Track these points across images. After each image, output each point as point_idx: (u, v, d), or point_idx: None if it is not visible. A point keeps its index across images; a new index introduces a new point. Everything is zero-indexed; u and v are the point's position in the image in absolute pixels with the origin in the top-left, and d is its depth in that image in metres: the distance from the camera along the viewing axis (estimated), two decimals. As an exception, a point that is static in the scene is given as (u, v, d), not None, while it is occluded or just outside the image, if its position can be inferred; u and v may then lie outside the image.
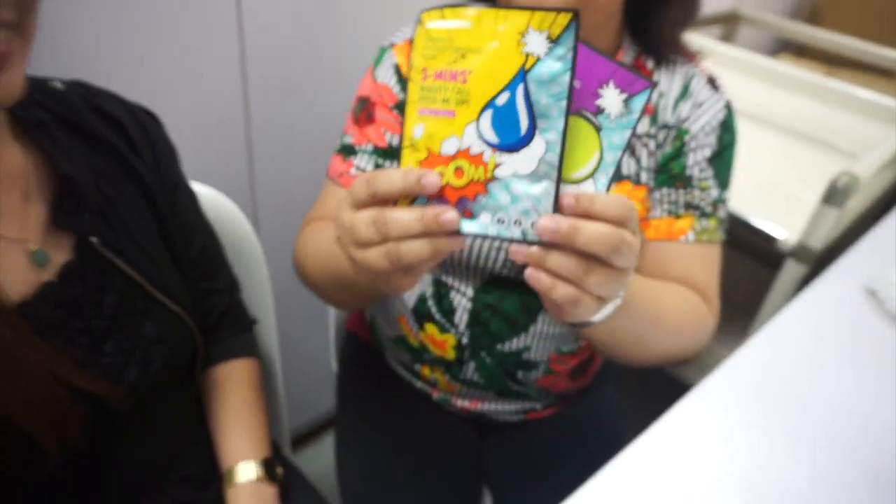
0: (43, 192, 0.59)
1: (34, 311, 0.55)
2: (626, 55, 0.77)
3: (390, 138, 0.78)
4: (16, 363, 0.51)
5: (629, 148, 0.76)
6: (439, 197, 0.45)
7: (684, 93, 0.78)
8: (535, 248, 0.44)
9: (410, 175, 0.44)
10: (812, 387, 0.78)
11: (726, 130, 0.79)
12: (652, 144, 0.77)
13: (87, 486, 0.62)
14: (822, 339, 0.86)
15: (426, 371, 0.89)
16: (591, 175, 0.46)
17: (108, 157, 0.64)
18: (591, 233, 0.43)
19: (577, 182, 0.46)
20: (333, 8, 1.06)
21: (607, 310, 0.56)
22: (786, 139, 1.48)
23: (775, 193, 1.25)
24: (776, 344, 0.84)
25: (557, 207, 0.44)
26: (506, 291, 0.80)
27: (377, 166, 0.79)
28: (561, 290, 0.45)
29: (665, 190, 0.77)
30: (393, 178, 0.44)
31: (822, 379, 0.79)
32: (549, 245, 0.44)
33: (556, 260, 0.44)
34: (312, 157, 1.15)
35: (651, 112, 0.77)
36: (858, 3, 2.34)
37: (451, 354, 0.85)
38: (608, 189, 0.46)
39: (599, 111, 0.46)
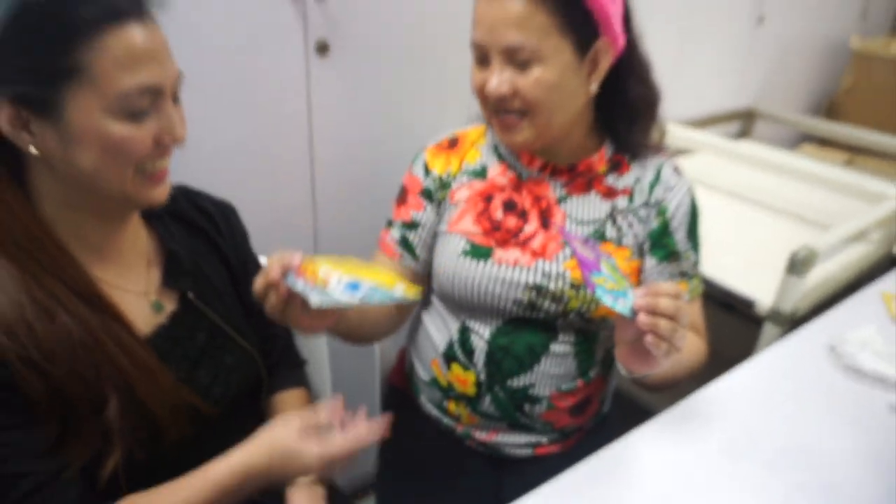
0: (159, 262, 0.84)
1: (154, 343, 0.78)
2: (608, 152, 1.02)
3: (413, 216, 1.06)
4: (152, 375, 0.74)
5: (613, 218, 1.02)
6: None
7: (656, 179, 1.03)
8: (648, 320, 0.76)
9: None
10: (764, 421, 0.92)
11: (694, 210, 1.05)
12: (631, 217, 1.01)
13: (183, 471, 0.77)
14: (779, 383, 1.00)
15: (452, 406, 1.08)
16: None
17: (200, 238, 0.89)
18: (665, 302, 0.76)
19: None
20: (391, 114, 1.33)
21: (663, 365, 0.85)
22: (793, 223, 1.68)
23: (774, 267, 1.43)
24: (738, 384, 1.00)
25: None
26: (516, 336, 1.01)
27: (402, 235, 1.07)
28: (663, 346, 0.76)
29: (664, 264, 1.02)
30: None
31: (774, 416, 0.93)
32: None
33: (662, 323, 0.76)
34: (366, 237, 1.39)
35: (628, 193, 1.02)
36: (874, 96, 2.49)
37: (471, 390, 1.05)
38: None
39: (612, 261, 0.85)
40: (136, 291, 0.80)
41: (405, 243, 1.07)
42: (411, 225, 1.06)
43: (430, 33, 1.31)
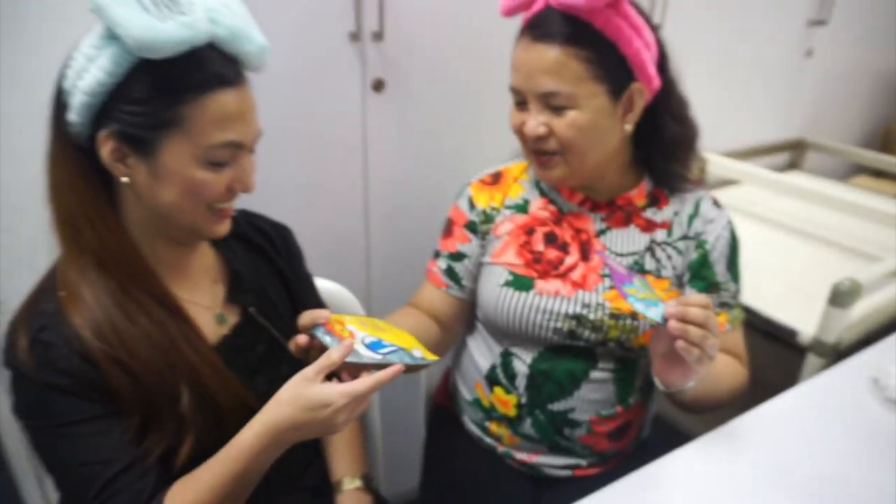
0: (223, 279, 0.92)
1: (219, 351, 0.85)
2: (647, 186, 1.06)
3: (459, 247, 1.11)
4: (220, 373, 0.82)
5: (651, 251, 1.05)
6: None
7: (695, 212, 1.06)
8: (678, 325, 0.81)
9: None
10: (802, 449, 0.93)
11: (733, 241, 1.07)
12: (670, 249, 1.05)
13: None
14: (820, 413, 1.01)
15: (494, 427, 1.12)
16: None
17: (260, 257, 0.97)
18: (695, 311, 0.82)
19: None
20: (440, 147, 1.40)
21: (698, 378, 0.90)
22: (841, 255, 1.68)
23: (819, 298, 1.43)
24: (778, 412, 1.01)
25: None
26: (557, 362, 1.05)
27: (448, 266, 1.12)
28: (695, 352, 0.82)
29: (704, 295, 1.03)
30: None
31: (812, 445, 0.94)
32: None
33: (692, 330, 0.81)
34: (414, 261, 1.43)
35: (667, 226, 1.05)
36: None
37: (512, 412, 1.08)
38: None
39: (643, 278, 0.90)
40: (204, 305, 0.88)
41: (452, 274, 1.12)
42: (457, 256, 1.11)
43: (478, 74, 1.38)
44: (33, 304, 0.78)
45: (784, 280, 1.51)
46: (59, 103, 0.74)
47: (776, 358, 1.42)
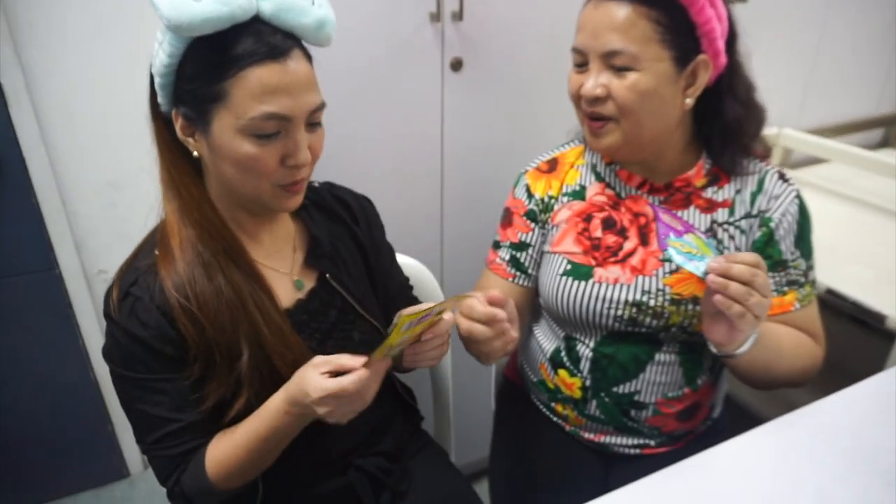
0: (302, 245, 0.96)
1: (292, 315, 0.91)
2: (706, 165, 1.03)
3: (521, 237, 1.11)
4: (283, 337, 0.86)
5: (714, 232, 1.02)
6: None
7: (759, 189, 1.02)
8: (718, 280, 0.81)
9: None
10: (884, 435, 0.90)
11: (803, 216, 1.02)
12: (732, 230, 1.02)
13: (320, 435, 0.88)
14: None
15: (559, 408, 1.14)
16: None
17: (339, 226, 1.01)
18: (739, 268, 0.81)
19: None
20: (514, 125, 1.42)
21: (750, 342, 0.88)
22: None
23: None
24: (861, 396, 0.98)
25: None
26: (621, 345, 1.05)
27: (512, 256, 1.12)
28: (735, 308, 0.81)
29: (770, 274, 1.01)
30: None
31: (893, 429, 0.91)
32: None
33: (733, 286, 0.81)
34: (487, 238, 1.49)
35: (728, 205, 1.03)
36: None
37: (577, 394, 1.09)
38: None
39: (700, 237, 0.88)
40: (283, 272, 0.93)
41: (517, 263, 1.12)
42: (520, 246, 1.11)
43: (553, 54, 1.37)
44: (131, 261, 0.86)
45: (873, 263, 1.45)
46: (153, 86, 0.81)
47: (863, 344, 1.37)
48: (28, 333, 1.62)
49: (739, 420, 1.20)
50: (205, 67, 0.75)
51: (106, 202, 1.57)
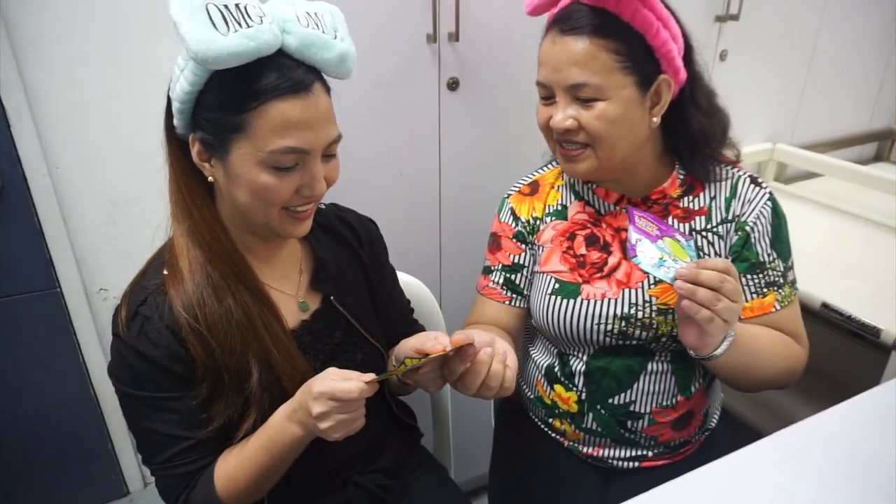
0: (308, 267, 0.97)
1: (297, 336, 0.92)
2: (679, 174, 1.06)
3: (513, 258, 1.12)
4: (290, 358, 0.88)
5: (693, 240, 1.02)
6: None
7: (733, 194, 1.05)
8: (685, 286, 0.83)
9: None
10: (882, 449, 0.90)
11: (777, 217, 1.04)
12: (711, 236, 1.04)
13: (320, 451, 0.88)
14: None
15: (557, 423, 1.14)
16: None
17: (344, 248, 1.02)
18: (707, 274, 0.83)
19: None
20: (509, 142, 1.43)
21: (725, 345, 0.90)
22: None
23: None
24: (857, 410, 0.97)
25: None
26: (613, 358, 1.06)
27: (506, 278, 1.13)
28: (703, 313, 0.83)
29: (748, 276, 1.03)
30: None
31: (892, 443, 0.91)
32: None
33: (701, 291, 0.82)
34: (480, 256, 1.50)
35: (704, 213, 1.05)
36: None
37: (574, 408, 1.10)
38: None
39: (678, 241, 0.89)
40: (289, 294, 0.94)
41: (511, 286, 1.12)
42: (514, 267, 1.12)
43: None
44: (139, 280, 0.87)
45: (868, 277, 1.46)
46: (169, 108, 0.82)
47: (859, 358, 1.37)
48: (28, 351, 1.62)
49: (737, 432, 1.20)
50: (227, 98, 0.76)
51: (107, 220, 1.57)
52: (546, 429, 1.18)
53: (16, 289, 1.55)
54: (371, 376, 0.78)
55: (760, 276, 1.03)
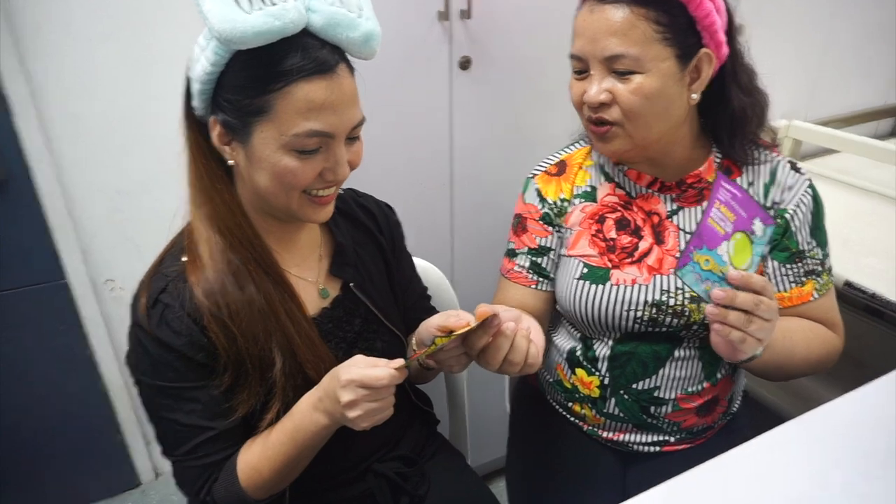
0: (327, 253, 0.95)
1: (318, 323, 0.90)
2: (716, 158, 1.02)
3: (540, 241, 1.09)
4: (313, 345, 0.86)
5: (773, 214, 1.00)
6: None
7: (772, 180, 1.01)
8: (715, 311, 0.81)
9: None
10: None
11: (816, 205, 1.01)
12: None
13: (343, 440, 0.87)
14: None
15: (577, 408, 1.12)
16: (748, 268, 0.83)
17: (364, 234, 1.00)
18: (743, 297, 0.80)
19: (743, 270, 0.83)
20: (522, 123, 1.41)
21: (759, 351, 0.87)
22: None
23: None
24: (882, 393, 0.95)
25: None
26: (639, 342, 1.04)
27: (532, 262, 1.09)
28: (735, 334, 0.81)
29: (787, 266, 1.01)
30: None
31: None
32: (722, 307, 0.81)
33: (732, 315, 0.81)
34: (497, 235, 1.46)
35: None
36: None
37: (596, 393, 1.08)
38: None
39: (753, 233, 0.83)
40: (309, 280, 0.92)
41: (538, 269, 1.09)
42: (540, 251, 1.09)
43: (561, 50, 1.34)
44: (158, 267, 0.84)
45: (888, 254, 1.43)
46: (188, 90, 0.80)
47: (880, 337, 1.35)
48: (36, 344, 1.61)
49: (757, 415, 1.18)
50: (250, 80, 0.74)
51: (113, 211, 1.56)
52: (565, 413, 1.16)
53: (22, 281, 1.54)
54: (399, 362, 0.76)
55: (799, 265, 1.00)
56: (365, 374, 0.74)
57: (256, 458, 0.83)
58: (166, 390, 0.81)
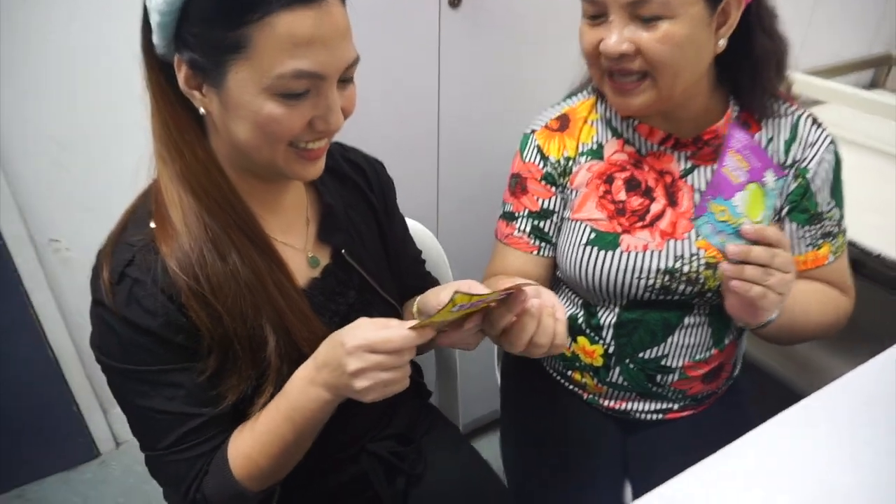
0: (315, 217, 0.85)
1: (308, 296, 0.80)
2: (734, 113, 0.94)
3: (542, 203, 1.00)
4: (307, 320, 0.76)
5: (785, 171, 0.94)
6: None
7: (793, 136, 0.95)
8: (731, 267, 0.77)
9: None
10: None
11: (838, 164, 0.96)
12: None
13: (334, 419, 0.77)
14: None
15: (577, 376, 1.07)
16: (762, 221, 0.79)
17: (354, 193, 0.90)
18: (757, 251, 0.76)
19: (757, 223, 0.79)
20: (513, 67, 1.31)
21: (774, 315, 0.83)
22: None
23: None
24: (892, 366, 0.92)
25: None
26: (648, 309, 0.98)
27: (534, 226, 1.01)
28: (755, 290, 0.77)
29: (805, 228, 0.96)
30: None
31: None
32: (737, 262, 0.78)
33: (749, 269, 0.76)
34: (485, 190, 1.39)
35: None
36: None
37: (599, 361, 1.02)
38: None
39: (765, 184, 0.78)
40: (296, 247, 0.81)
41: (540, 234, 1.01)
42: (543, 213, 1.00)
43: None
44: (120, 235, 0.72)
45: (880, 208, 1.39)
46: (146, 25, 0.66)
47: (877, 300, 1.32)
48: (-29, 309, 1.46)
49: (756, 379, 1.15)
50: (220, 9, 0.61)
51: (53, 163, 1.39)
52: (563, 381, 1.11)
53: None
54: (414, 322, 0.66)
55: (817, 226, 0.95)
56: (376, 336, 0.65)
57: (249, 445, 0.73)
58: (142, 375, 0.70)
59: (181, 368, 0.71)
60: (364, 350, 0.65)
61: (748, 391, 1.14)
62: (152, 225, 0.70)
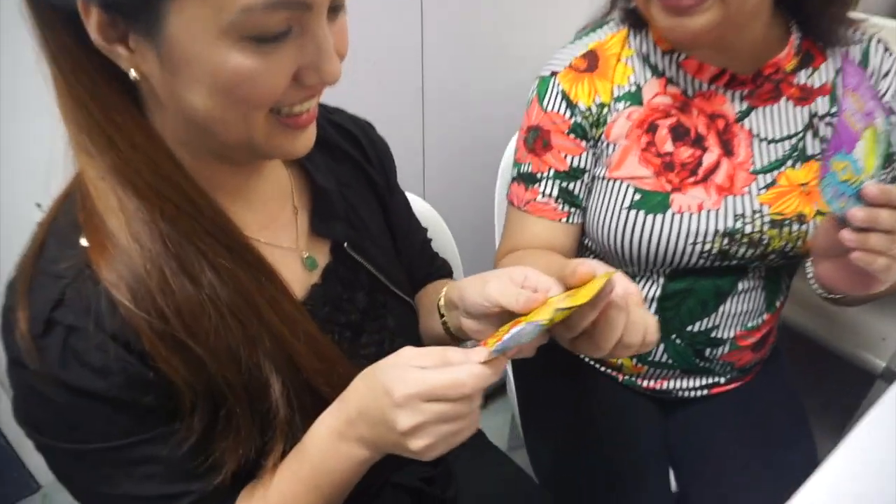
0: (304, 203, 0.66)
1: (310, 310, 0.62)
2: (795, 41, 0.80)
3: (571, 161, 0.83)
4: (319, 348, 0.58)
5: (814, 129, 0.81)
6: None
7: (864, 64, 0.82)
8: (857, 234, 0.64)
9: None
10: None
11: None
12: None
13: None
14: None
15: (612, 358, 0.93)
16: (874, 175, 0.66)
17: (348, 167, 0.71)
18: (886, 215, 0.63)
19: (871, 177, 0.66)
20: (497, 32, 1.16)
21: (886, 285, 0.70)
22: None
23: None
24: None
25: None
26: (698, 277, 0.85)
27: (561, 189, 0.84)
28: (879, 262, 0.64)
29: (881, 172, 0.82)
30: None
31: None
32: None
33: (874, 238, 0.63)
34: (473, 147, 1.24)
35: (828, 91, 0.81)
36: None
37: None
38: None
39: (877, 128, 0.65)
40: (285, 247, 0.63)
41: (569, 197, 0.85)
42: (571, 174, 0.84)
43: None
44: (34, 262, 0.51)
45: None
46: None
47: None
48: None
49: (789, 340, 1.05)
50: None
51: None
52: (596, 363, 0.98)
53: None
54: (483, 352, 0.49)
55: (888, 168, 0.83)
56: (438, 380, 0.47)
57: None
58: (99, 455, 0.51)
59: (154, 438, 0.52)
60: (421, 400, 0.47)
61: (784, 354, 1.05)
62: (83, 243, 0.49)
